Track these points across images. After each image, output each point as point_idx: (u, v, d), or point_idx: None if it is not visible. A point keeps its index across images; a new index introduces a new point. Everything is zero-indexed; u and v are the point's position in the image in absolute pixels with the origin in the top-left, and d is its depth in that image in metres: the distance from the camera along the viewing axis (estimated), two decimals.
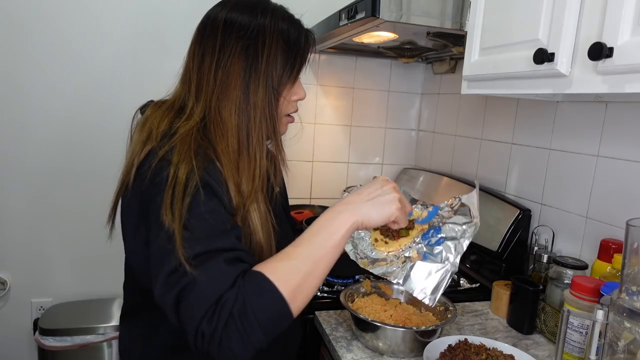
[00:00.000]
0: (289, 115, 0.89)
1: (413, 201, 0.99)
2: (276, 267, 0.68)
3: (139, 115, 0.86)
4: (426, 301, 0.81)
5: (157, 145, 0.74)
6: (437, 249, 0.87)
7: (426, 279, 0.83)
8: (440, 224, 0.91)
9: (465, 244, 0.86)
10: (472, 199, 0.91)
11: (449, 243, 0.87)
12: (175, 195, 0.67)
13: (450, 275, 0.83)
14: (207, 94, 0.78)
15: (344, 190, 1.04)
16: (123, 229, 0.82)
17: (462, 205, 0.92)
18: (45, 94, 1.70)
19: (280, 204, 0.98)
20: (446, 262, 0.85)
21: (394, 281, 0.85)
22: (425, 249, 0.88)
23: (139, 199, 0.74)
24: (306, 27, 0.86)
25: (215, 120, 0.78)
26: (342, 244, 0.74)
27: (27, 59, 1.66)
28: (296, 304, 0.67)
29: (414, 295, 0.82)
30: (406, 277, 0.84)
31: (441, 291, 0.82)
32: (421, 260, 0.85)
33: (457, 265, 0.85)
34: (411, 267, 0.85)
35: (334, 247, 0.73)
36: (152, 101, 0.86)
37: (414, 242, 0.90)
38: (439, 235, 0.89)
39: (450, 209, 0.93)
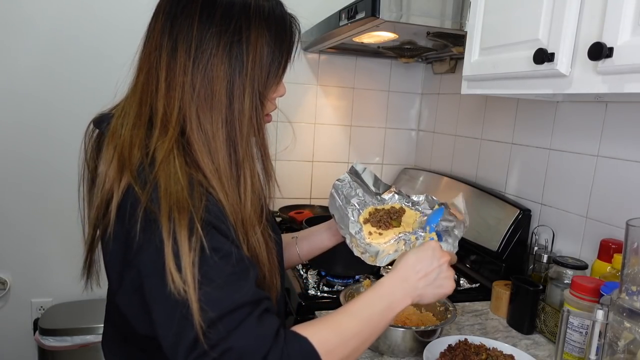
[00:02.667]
0: (266, 114, 0.78)
1: (386, 187, 1.04)
2: (326, 339, 0.63)
3: (91, 128, 0.75)
4: None
5: (135, 181, 0.62)
6: (436, 228, 0.92)
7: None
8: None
9: (459, 232, 0.91)
10: (459, 200, 0.96)
11: (446, 228, 0.92)
12: (180, 254, 0.57)
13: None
14: (183, 102, 0.65)
15: (335, 182, 1.02)
16: (107, 271, 0.72)
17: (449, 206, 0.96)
18: (42, 92, 1.70)
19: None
20: (448, 245, 0.90)
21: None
22: (421, 231, 0.93)
23: (123, 246, 0.63)
24: (290, 11, 0.75)
25: (198, 134, 0.65)
26: (391, 322, 0.72)
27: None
28: None
29: None
30: None
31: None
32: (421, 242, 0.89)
33: (457, 247, 0.90)
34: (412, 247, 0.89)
35: (384, 326, 0.71)
36: (106, 115, 0.72)
37: (414, 231, 0.94)
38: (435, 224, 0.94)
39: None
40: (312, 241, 1.05)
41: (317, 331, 0.63)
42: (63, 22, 1.67)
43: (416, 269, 0.75)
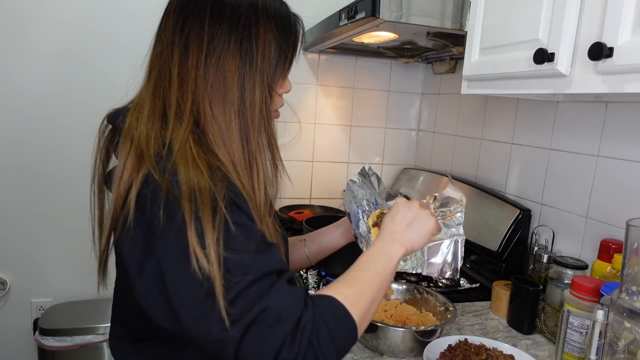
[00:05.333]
0: (274, 110, 0.80)
1: (390, 196, 1.06)
2: (347, 293, 0.67)
3: (105, 123, 0.75)
4: (450, 275, 0.89)
5: (154, 169, 0.63)
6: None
7: (443, 257, 0.89)
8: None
9: (460, 215, 0.92)
10: (448, 189, 0.97)
11: (446, 221, 0.93)
12: (204, 232, 0.59)
13: (462, 243, 0.90)
14: (196, 95, 0.68)
15: (344, 191, 1.04)
16: (124, 265, 0.70)
17: (443, 199, 0.97)
18: (42, 95, 1.70)
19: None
20: (452, 235, 0.90)
21: (414, 272, 0.90)
22: None
23: (144, 233, 0.63)
24: (294, 11, 0.78)
25: (212, 125, 0.68)
26: (394, 272, 0.77)
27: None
28: (361, 330, 0.67)
29: (438, 276, 0.89)
30: (424, 265, 0.90)
31: (460, 261, 0.89)
32: (428, 243, 0.90)
33: (463, 233, 0.91)
34: (423, 254, 0.90)
35: (389, 275, 0.75)
36: (122, 109, 0.74)
37: None
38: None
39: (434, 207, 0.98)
40: (321, 242, 1.05)
41: (337, 289, 0.67)
42: (65, 37, 1.68)
43: (396, 221, 0.82)
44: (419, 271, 0.89)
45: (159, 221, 0.60)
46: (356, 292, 0.68)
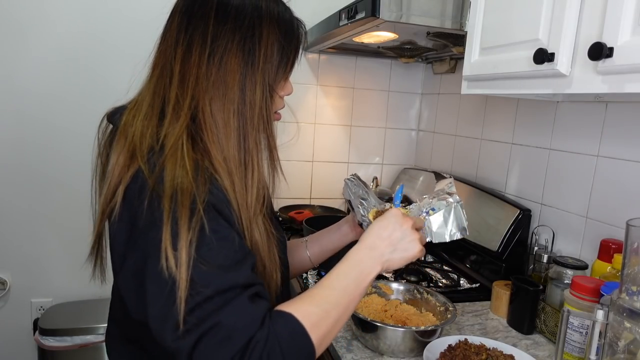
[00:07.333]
0: (275, 112, 0.81)
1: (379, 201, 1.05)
2: (309, 312, 0.64)
3: (105, 122, 0.77)
4: (460, 236, 0.89)
5: (144, 165, 0.64)
6: (433, 204, 0.93)
7: (447, 224, 0.90)
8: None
9: (451, 186, 0.94)
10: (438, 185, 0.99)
11: (440, 196, 0.94)
12: (179, 233, 0.59)
13: (461, 207, 0.91)
14: (196, 92, 0.68)
15: (346, 179, 1.04)
16: (111, 257, 0.71)
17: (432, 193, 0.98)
18: (43, 95, 1.70)
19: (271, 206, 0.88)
20: (449, 204, 0.91)
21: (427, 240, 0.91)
22: (424, 213, 0.93)
23: (128, 226, 0.64)
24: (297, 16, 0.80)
25: (208, 124, 0.68)
26: (365, 291, 0.74)
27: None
28: (320, 350, 0.65)
29: (449, 240, 0.89)
30: (432, 234, 0.90)
31: (465, 222, 0.90)
32: (430, 217, 0.91)
33: (460, 199, 0.91)
34: (429, 226, 0.91)
35: (360, 295, 0.72)
36: (120, 108, 0.75)
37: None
38: (430, 204, 0.95)
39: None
40: (323, 243, 1.05)
41: (299, 306, 0.65)
42: (64, 39, 1.68)
43: (382, 237, 0.77)
44: (428, 240, 0.90)
45: (142, 216, 0.62)
46: (319, 311, 0.65)
